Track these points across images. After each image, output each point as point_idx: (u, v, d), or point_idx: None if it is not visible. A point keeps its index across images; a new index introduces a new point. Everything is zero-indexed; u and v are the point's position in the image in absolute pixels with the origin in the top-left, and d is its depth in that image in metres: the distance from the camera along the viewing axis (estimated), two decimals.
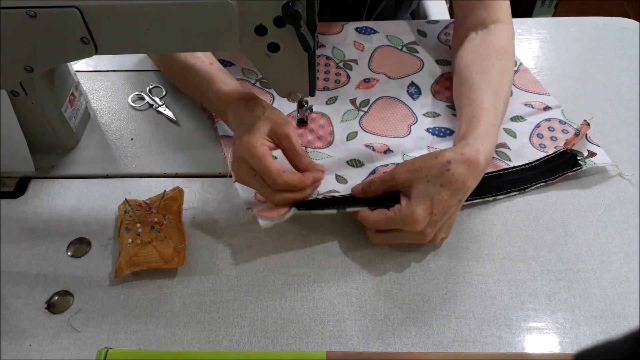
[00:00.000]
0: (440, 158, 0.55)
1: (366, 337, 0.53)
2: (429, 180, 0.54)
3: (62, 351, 0.53)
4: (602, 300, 0.56)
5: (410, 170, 0.55)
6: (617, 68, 0.79)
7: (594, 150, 0.67)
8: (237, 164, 0.57)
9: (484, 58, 0.68)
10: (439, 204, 0.53)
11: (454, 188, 0.54)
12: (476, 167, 0.55)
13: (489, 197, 0.63)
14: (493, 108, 0.62)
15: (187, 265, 0.58)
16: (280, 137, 0.57)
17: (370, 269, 0.58)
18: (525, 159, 0.66)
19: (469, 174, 0.55)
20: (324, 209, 0.58)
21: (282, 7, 0.48)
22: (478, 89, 0.64)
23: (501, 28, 0.71)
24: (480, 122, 0.60)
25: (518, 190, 0.64)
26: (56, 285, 0.57)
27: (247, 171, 0.56)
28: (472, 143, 0.57)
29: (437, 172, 0.54)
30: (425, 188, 0.54)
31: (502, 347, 0.53)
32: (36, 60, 0.55)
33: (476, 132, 0.59)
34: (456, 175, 0.54)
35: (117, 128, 0.72)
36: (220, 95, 0.63)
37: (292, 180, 0.55)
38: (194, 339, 0.53)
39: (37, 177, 0.67)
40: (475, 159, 0.55)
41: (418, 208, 0.53)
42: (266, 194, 0.56)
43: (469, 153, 0.55)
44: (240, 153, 0.55)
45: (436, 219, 0.54)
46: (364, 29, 0.84)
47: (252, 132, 0.56)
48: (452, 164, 0.54)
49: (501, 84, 0.65)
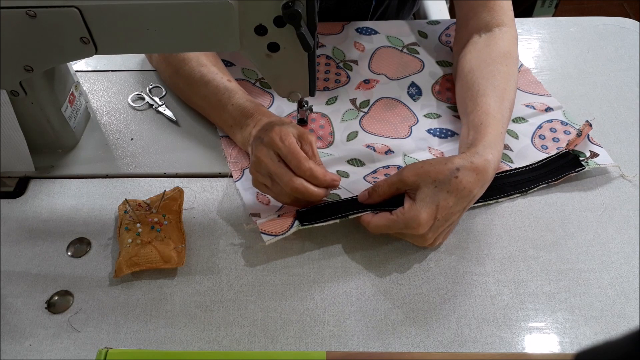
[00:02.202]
0: (450, 164, 0.55)
1: (366, 337, 0.53)
2: (437, 185, 0.54)
3: (62, 351, 0.53)
4: (602, 300, 0.56)
5: (419, 174, 0.55)
6: (617, 68, 0.79)
7: (596, 150, 0.66)
8: (264, 149, 0.57)
9: (489, 63, 0.68)
10: (443, 210, 0.53)
11: (460, 195, 0.54)
12: (484, 176, 0.56)
13: (490, 201, 0.63)
14: (500, 115, 0.62)
15: (187, 265, 0.58)
16: (304, 141, 0.58)
17: (370, 269, 0.58)
18: (527, 161, 0.66)
19: (476, 182, 0.55)
20: (327, 220, 0.58)
21: (282, 7, 0.48)
22: (484, 95, 0.64)
23: (505, 31, 0.71)
24: (488, 129, 0.60)
25: (520, 192, 0.64)
26: (56, 285, 0.57)
27: (272, 156, 0.56)
28: (482, 152, 0.57)
29: (445, 178, 0.54)
30: (431, 193, 0.54)
31: (502, 347, 0.53)
32: (36, 60, 0.55)
33: (485, 141, 0.58)
34: (464, 183, 0.54)
35: (116, 128, 0.72)
36: (242, 108, 0.65)
37: (316, 170, 0.56)
38: (194, 339, 0.53)
39: (37, 177, 0.67)
40: (484, 169, 0.55)
41: (422, 212, 0.53)
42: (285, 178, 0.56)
43: (479, 162, 0.55)
44: (271, 137, 0.56)
45: (438, 224, 0.54)
46: (364, 29, 0.84)
47: (283, 126, 0.58)
48: (461, 171, 0.54)
49: (506, 90, 0.65)
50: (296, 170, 0.56)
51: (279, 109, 0.73)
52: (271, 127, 0.58)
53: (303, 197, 0.56)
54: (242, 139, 0.64)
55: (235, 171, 0.66)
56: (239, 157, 0.67)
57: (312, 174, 0.56)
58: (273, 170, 0.56)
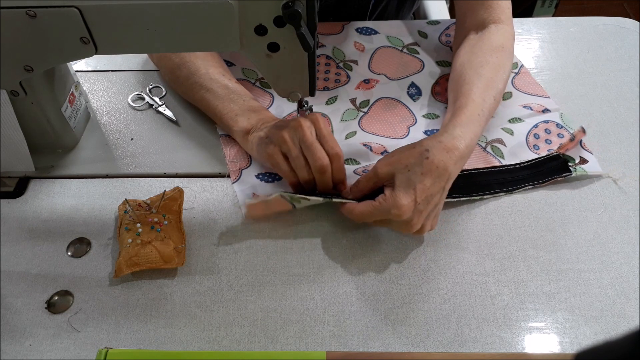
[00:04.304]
0: (419, 147, 0.56)
1: (366, 337, 0.53)
2: (410, 169, 0.54)
3: (62, 351, 0.53)
4: (602, 300, 0.56)
5: (391, 163, 0.56)
6: (617, 68, 0.79)
7: (586, 157, 0.67)
8: (306, 122, 0.58)
9: (479, 55, 0.69)
10: (422, 191, 0.54)
11: (435, 175, 0.54)
12: (455, 152, 0.56)
13: (475, 196, 0.63)
14: (480, 100, 0.63)
15: (187, 265, 0.58)
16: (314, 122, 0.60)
17: (370, 269, 0.58)
18: (517, 159, 0.67)
19: (449, 159, 0.55)
20: (309, 196, 0.58)
21: (282, 6, 0.48)
22: (469, 83, 0.65)
23: (500, 28, 0.71)
24: (463, 111, 0.61)
25: (505, 191, 0.64)
26: (56, 285, 0.57)
27: (312, 131, 0.58)
28: (451, 131, 0.58)
29: (416, 161, 0.54)
30: (406, 177, 0.54)
31: (502, 347, 0.53)
32: (36, 60, 0.55)
33: (457, 120, 0.60)
34: (436, 162, 0.54)
35: (116, 128, 0.72)
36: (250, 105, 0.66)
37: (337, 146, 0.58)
38: (194, 339, 0.53)
39: (36, 177, 0.67)
40: (453, 145, 0.56)
41: (402, 197, 0.54)
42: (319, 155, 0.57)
43: (447, 140, 0.56)
44: (300, 121, 0.58)
45: (421, 207, 0.54)
46: (364, 29, 0.84)
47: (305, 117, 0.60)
48: (431, 151, 0.55)
49: (494, 79, 0.66)
50: (329, 150, 0.58)
51: (279, 109, 0.73)
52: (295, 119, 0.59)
53: (321, 178, 0.58)
54: (248, 124, 0.64)
55: (233, 171, 0.66)
56: (237, 156, 0.67)
57: (333, 147, 0.58)
58: (310, 142, 0.57)
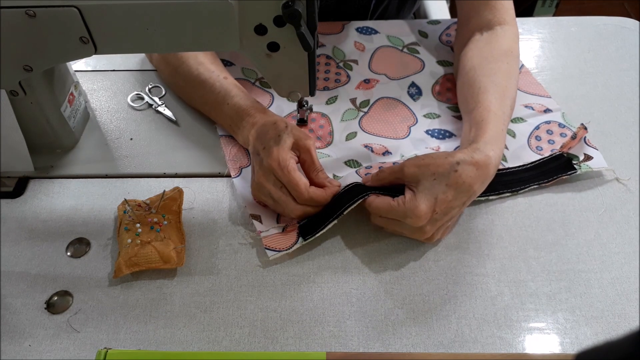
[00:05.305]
0: (450, 158, 0.55)
1: (366, 337, 0.53)
2: (436, 178, 0.54)
3: (62, 351, 0.52)
4: (603, 300, 0.56)
5: (419, 166, 0.55)
6: (618, 68, 0.79)
7: (590, 153, 0.66)
8: (264, 175, 0.58)
9: (491, 60, 0.68)
10: (442, 203, 0.54)
11: (459, 190, 0.54)
12: (485, 172, 0.56)
13: (481, 197, 0.63)
14: (501, 112, 0.62)
15: (187, 265, 0.58)
16: (302, 150, 0.59)
17: (370, 269, 0.58)
18: (520, 161, 0.67)
19: (477, 177, 0.55)
20: (327, 225, 0.58)
21: (282, 6, 0.48)
22: (485, 92, 0.64)
23: (507, 30, 0.71)
24: (488, 126, 0.60)
25: (511, 192, 0.64)
26: (56, 285, 0.57)
27: (274, 182, 0.58)
28: (483, 148, 0.57)
29: (444, 171, 0.54)
30: (430, 185, 0.54)
31: (502, 348, 0.53)
32: (35, 60, 0.55)
33: (485, 137, 0.59)
34: (463, 177, 0.54)
35: (116, 128, 0.72)
36: (237, 108, 0.64)
37: (317, 195, 0.58)
38: (194, 339, 0.53)
39: (36, 177, 0.67)
40: (485, 164, 0.56)
41: (421, 204, 0.53)
42: (288, 206, 0.58)
43: (479, 157, 0.56)
44: (270, 165, 0.57)
45: (437, 217, 0.54)
46: (364, 29, 0.84)
47: (280, 145, 0.57)
48: (461, 165, 0.54)
49: (508, 87, 0.66)
50: (298, 199, 0.57)
51: (279, 109, 0.73)
52: (268, 151, 0.58)
53: (317, 204, 0.58)
54: (243, 138, 0.65)
55: (234, 169, 0.66)
56: (238, 155, 0.67)
57: (312, 199, 0.57)
58: (276, 197, 0.58)
